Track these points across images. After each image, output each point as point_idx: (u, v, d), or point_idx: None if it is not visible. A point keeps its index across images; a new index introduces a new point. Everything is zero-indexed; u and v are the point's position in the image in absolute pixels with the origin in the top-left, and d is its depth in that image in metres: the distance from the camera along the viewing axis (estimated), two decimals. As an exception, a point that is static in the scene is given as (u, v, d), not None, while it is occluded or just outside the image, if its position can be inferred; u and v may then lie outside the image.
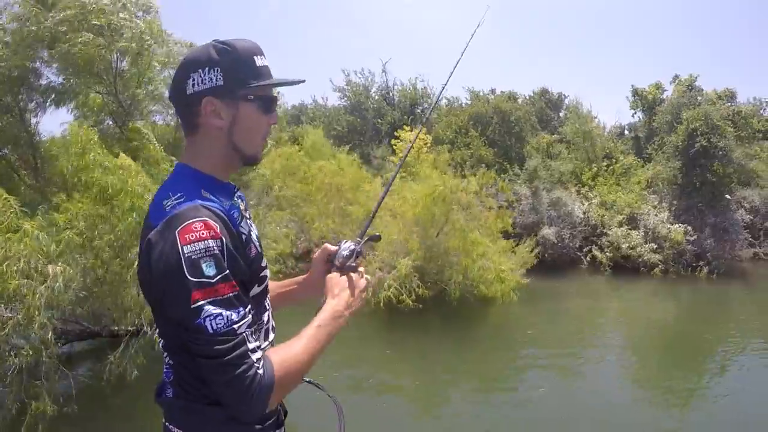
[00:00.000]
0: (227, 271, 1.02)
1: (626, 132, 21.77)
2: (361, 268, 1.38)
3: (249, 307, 1.08)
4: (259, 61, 1.18)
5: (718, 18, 55.77)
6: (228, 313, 1.01)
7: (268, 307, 1.29)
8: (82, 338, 6.99)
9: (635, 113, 20.30)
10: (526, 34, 59.12)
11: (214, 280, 1.00)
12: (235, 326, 1.01)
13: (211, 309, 0.99)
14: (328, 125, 17.87)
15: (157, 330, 1.16)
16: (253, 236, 1.24)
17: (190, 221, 1.02)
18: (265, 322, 1.26)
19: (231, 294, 1.02)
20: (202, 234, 1.01)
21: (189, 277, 0.98)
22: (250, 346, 1.04)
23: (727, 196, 15.90)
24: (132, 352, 5.65)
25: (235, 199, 1.24)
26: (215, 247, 1.01)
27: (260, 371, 1.03)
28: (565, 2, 57.86)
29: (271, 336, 1.30)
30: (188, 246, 1.00)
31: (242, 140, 1.18)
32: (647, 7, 59.58)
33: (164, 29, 9.55)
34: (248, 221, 1.27)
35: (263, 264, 1.24)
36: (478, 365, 7.69)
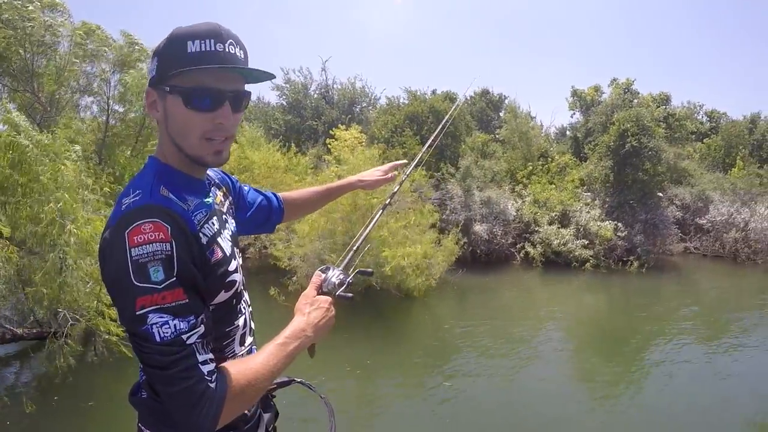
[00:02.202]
0: (175, 278, 0.95)
1: (568, 132, 22.35)
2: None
3: (202, 317, 1.00)
4: (192, 47, 1.02)
5: (659, 27, 58.53)
6: (176, 321, 0.95)
7: (243, 311, 1.23)
8: (4, 341, 6.76)
9: (574, 114, 20.87)
10: (469, 35, 60.77)
11: (161, 286, 0.94)
12: (184, 336, 0.95)
13: (156, 317, 0.93)
14: (266, 124, 17.70)
15: None
16: (224, 236, 1.15)
17: (140, 222, 0.96)
18: (241, 326, 1.21)
19: (179, 302, 0.95)
20: (151, 236, 0.95)
21: (135, 282, 0.93)
22: (200, 358, 0.97)
23: (660, 194, 16.46)
24: (55, 352, 5.58)
25: (210, 194, 1.17)
26: (162, 252, 0.95)
27: (212, 385, 0.97)
28: (510, 7, 59.73)
29: (249, 340, 1.26)
30: (136, 249, 0.94)
31: (178, 137, 1.08)
32: (591, 13, 62.05)
33: (98, 24, 9.44)
34: (223, 217, 1.19)
35: (231, 268, 1.14)
36: (400, 360, 7.55)
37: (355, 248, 1.50)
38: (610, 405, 6.13)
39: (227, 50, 1.04)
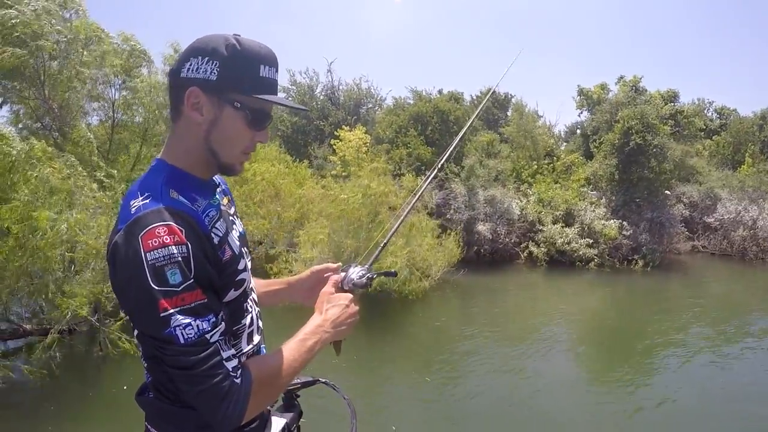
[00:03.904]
0: (192, 279, 0.97)
1: (578, 130, 22.27)
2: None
3: (221, 314, 1.04)
4: (263, 71, 1.10)
5: (667, 23, 57.92)
6: (198, 322, 0.97)
7: (250, 310, 1.24)
8: (15, 336, 6.99)
9: (581, 112, 20.78)
10: (477, 35, 60.57)
11: (180, 288, 0.96)
12: (207, 335, 0.98)
13: (180, 318, 0.95)
14: (273, 126, 17.92)
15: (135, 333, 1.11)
16: (233, 236, 1.18)
17: (153, 226, 0.97)
18: (247, 325, 1.22)
19: (198, 302, 0.98)
20: (166, 239, 0.96)
21: (153, 285, 0.94)
22: (225, 354, 1.00)
23: (667, 192, 16.36)
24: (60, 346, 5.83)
25: (216, 196, 1.20)
26: (179, 254, 0.96)
27: (237, 380, 1.00)
28: (513, 6, 59.56)
29: (256, 338, 1.26)
30: (151, 253, 0.95)
31: (218, 145, 1.12)
32: (598, 12, 61.60)
33: (101, 27, 9.62)
34: (230, 218, 1.22)
35: (240, 267, 1.17)
36: (391, 355, 7.60)
37: (381, 246, 1.53)
38: (612, 405, 6.08)
39: (277, 78, 1.15)
